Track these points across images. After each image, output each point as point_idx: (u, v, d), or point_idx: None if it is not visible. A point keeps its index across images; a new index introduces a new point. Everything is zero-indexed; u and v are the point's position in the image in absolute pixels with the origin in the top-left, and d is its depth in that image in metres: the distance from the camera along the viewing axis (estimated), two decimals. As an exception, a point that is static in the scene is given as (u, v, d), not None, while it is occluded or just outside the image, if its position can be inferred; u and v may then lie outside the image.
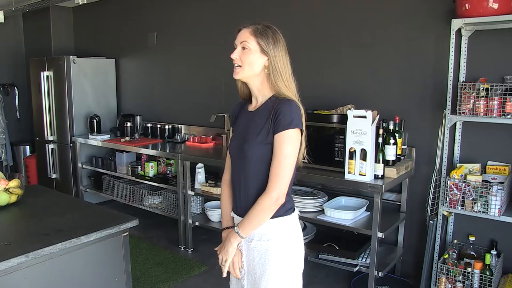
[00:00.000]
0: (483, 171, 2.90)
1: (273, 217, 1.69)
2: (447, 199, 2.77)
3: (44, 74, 5.28)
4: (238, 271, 1.78)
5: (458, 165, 2.95)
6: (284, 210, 1.72)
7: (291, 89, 1.69)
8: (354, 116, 2.81)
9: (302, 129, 1.66)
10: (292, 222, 1.76)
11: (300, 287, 1.79)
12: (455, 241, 2.98)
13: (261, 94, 1.73)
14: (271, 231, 1.71)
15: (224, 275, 1.80)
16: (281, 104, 1.64)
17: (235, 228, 1.71)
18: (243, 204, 1.75)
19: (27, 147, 6.06)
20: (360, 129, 2.78)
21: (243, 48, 1.69)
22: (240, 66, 1.70)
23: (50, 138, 5.39)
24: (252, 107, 1.78)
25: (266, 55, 1.66)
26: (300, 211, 3.23)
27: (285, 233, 1.73)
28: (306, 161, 1.80)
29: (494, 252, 2.76)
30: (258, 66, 1.68)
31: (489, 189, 2.61)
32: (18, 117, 6.20)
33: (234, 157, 1.79)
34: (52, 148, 5.41)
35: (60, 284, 1.81)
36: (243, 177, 1.73)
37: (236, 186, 1.79)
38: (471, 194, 2.69)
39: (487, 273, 2.64)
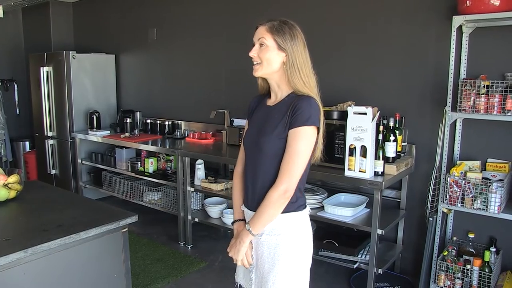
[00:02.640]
0: (483, 168, 2.90)
1: (284, 212, 1.69)
2: (447, 196, 2.77)
3: (44, 70, 5.26)
4: (251, 258, 1.78)
5: (458, 162, 2.95)
6: (296, 206, 1.73)
7: (309, 85, 1.69)
8: (354, 113, 2.81)
9: (319, 127, 1.67)
10: (303, 218, 1.77)
11: (307, 282, 1.80)
12: (455, 238, 2.98)
13: (280, 90, 1.74)
14: (281, 226, 1.71)
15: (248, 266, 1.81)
16: (300, 100, 1.65)
17: (247, 226, 1.72)
18: (255, 198, 1.75)
19: (27, 143, 6.06)
20: (360, 125, 2.78)
21: (261, 45, 1.68)
22: (258, 63, 1.70)
23: (50, 133, 5.39)
24: (271, 102, 1.78)
25: (283, 51, 1.66)
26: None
27: (296, 228, 1.74)
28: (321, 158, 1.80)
29: (493, 249, 2.76)
30: (276, 62, 1.68)
31: (488, 187, 2.61)
32: (18, 113, 6.18)
33: (249, 150, 1.80)
34: (52, 144, 5.41)
35: (59, 280, 1.81)
36: (257, 170, 1.74)
37: (249, 179, 1.79)
38: (471, 191, 2.69)
39: (486, 270, 2.64)
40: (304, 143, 1.62)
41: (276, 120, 1.68)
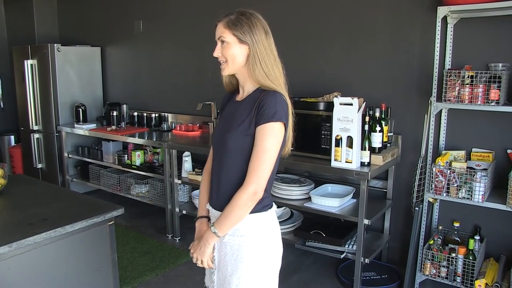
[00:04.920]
0: (468, 158, 2.93)
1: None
2: (433, 185, 2.80)
3: (28, 63, 5.18)
4: (211, 262, 1.72)
5: (443, 152, 2.98)
6: (261, 206, 1.65)
7: (271, 77, 1.61)
8: (341, 104, 2.81)
9: (286, 123, 1.60)
10: (269, 219, 1.70)
11: (275, 286, 1.73)
12: (440, 227, 3.02)
13: (248, 84, 1.68)
14: (245, 226, 1.64)
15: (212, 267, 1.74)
16: (266, 95, 1.58)
17: (212, 228, 1.64)
18: (219, 197, 1.69)
19: (12, 137, 5.96)
20: (347, 116, 2.79)
21: (222, 42, 1.63)
22: (224, 62, 1.65)
23: (35, 127, 5.32)
24: (239, 97, 1.73)
25: (245, 44, 1.60)
26: (286, 199, 3.24)
27: (260, 229, 1.66)
28: (292, 148, 1.78)
29: (477, 237, 2.80)
30: (240, 57, 1.62)
31: (473, 176, 2.64)
32: (2, 106, 6.09)
33: (215, 147, 1.74)
34: (38, 138, 5.34)
35: (45, 274, 1.80)
36: (221, 168, 1.67)
37: (214, 177, 1.73)
38: (456, 181, 2.72)
39: (470, 258, 2.69)
40: (271, 140, 1.55)
41: (242, 116, 1.61)
